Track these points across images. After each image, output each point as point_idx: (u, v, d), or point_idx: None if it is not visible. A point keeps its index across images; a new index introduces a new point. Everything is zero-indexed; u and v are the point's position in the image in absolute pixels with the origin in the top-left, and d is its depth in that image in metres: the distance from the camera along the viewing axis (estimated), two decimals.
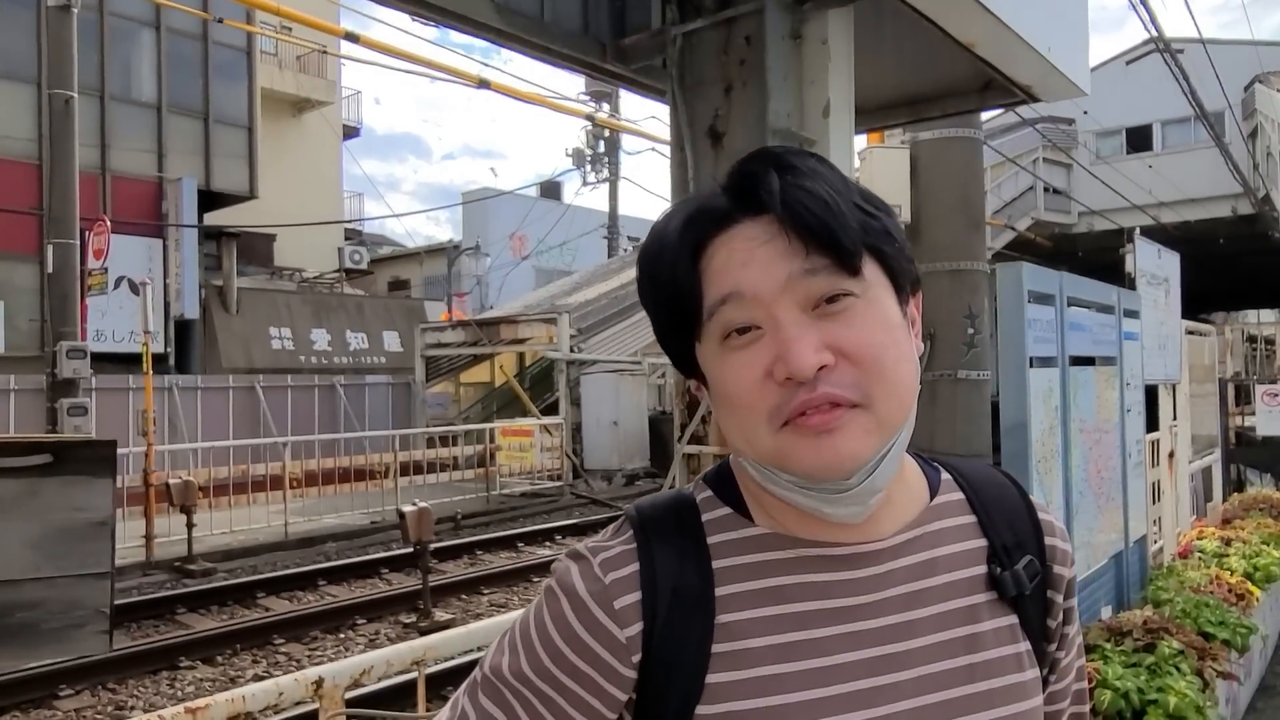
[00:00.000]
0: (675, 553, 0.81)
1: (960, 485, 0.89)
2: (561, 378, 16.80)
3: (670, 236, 0.80)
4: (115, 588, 1.77)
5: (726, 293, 0.75)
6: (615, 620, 0.78)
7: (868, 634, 0.79)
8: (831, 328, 0.74)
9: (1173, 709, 3.17)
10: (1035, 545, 0.88)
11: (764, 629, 0.78)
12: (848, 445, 0.73)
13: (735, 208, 0.77)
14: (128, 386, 14.45)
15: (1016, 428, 3.61)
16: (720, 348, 0.77)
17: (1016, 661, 0.83)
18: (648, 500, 0.87)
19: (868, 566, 0.81)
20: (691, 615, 0.78)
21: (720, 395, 0.79)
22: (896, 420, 0.76)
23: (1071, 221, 21.24)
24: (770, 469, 0.77)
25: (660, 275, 0.80)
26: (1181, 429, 6.27)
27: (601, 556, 0.81)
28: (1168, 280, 6.06)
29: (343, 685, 1.79)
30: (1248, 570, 5.16)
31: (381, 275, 28.66)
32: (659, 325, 0.83)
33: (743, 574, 0.80)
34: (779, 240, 0.75)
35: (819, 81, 2.28)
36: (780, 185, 0.75)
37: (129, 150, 17.45)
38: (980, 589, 0.84)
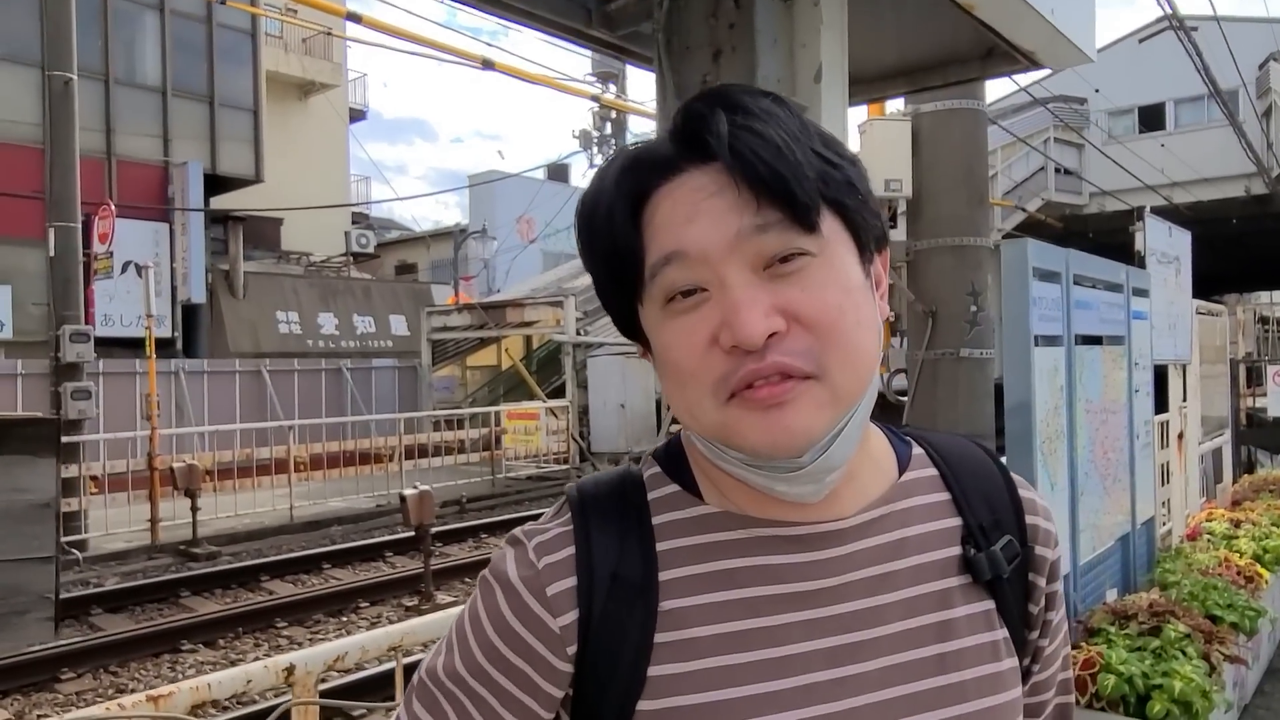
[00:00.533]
0: (616, 534, 0.74)
1: (933, 460, 0.82)
2: (568, 361, 16.75)
3: (607, 187, 0.71)
4: (60, 572, 1.72)
5: (669, 252, 0.68)
6: (548, 608, 0.72)
7: (827, 621, 0.72)
8: (784, 290, 0.66)
9: (1178, 693, 3.10)
10: (1015, 525, 0.80)
11: (711, 616, 0.71)
12: (799, 421, 0.66)
13: (680, 154, 0.69)
14: (135, 371, 14.47)
15: (1020, 407, 3.54)
16: (663, 311, 0.69)
17: (993, 650, 0.76)
18: (591, 478, 0.80)
19: (828, 548, 0.73)
20: (632, 602, 0.71)
21: (663, 363, 0.71)
22: (854, 392, 0.69)
23: (1083, 202, 21.03)
24: (717, 444, 0.70)
25: (596, 231, 0.72)
26: (1191, 410, 6.18)
27: (536, 540, 0.75)
28: (1178, 259, 5.95)
29: (316, 672, 1.73)
30: (1257, 552, 5.08)
31: (388, 259, 28.63)
32: (598, 285, 0.75)
33: (689, 556, 0.73)
34: (727, 192, 0.66)
35: (810, 45, 2.19)
36: (728, 128, 0.66)
37: (134, 134, 17.41)
38: (953, 572, 0.76)
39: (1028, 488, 0.84)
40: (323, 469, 12.47)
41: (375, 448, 13.57)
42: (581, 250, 0.75)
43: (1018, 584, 0.79)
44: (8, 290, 15.96)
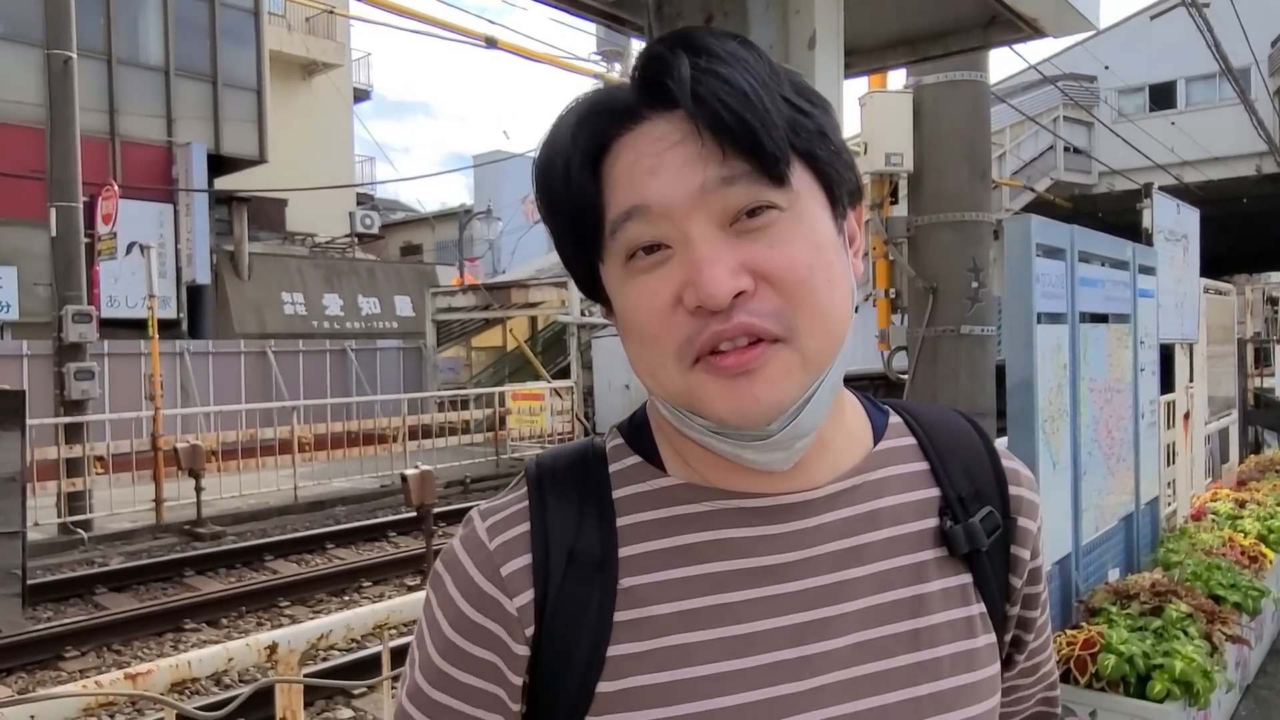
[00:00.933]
0: (574, 509, 0.70)
1: (912, 429, 0.78)
2: (572, 341, 16.72)
3: (563, 138, 0.66)
4: (27, 548, 1.69)
5: (630, 206, 0.63)
6: (503, 589, 0.68)
7: (792, 597, 0.68)
8: (751, 246, 0.62)
9: (1179, 673, 3.07)
10: (997, 496, 0.77)
11: (672, 593, 0.68)
12: (767, 388, 0.62)
13: (641, 100, 0.65)
14: (140, 351, 14.47)
15: (1022, 385, 3.49)
16: (624, 269, 0.65)
17: (968, 626, 0.72)
18: (551, 451, 0.76)
19: (794, 520, 0.70)
20: (590, 579, 0.68)
21: (624, 324, 0.68)
22: (824, 356, 0.65)
23: (1092, 182, 20.84)
24: (682, 411, 0.66)
25: (553, 186, 0.67)
26: (1198, 390, 6.12)
27: (490, 520, 0.71)
28: (1186, 237, 5.88)
29: (299, 651, 1.70)
30: (1261, 532, 5.04)
31: (393, 240, 28.59)
32: (558, 243, 0.71)
33: (650, 531, 0.70)
34: (691, 142, 0.62)
35: (804, 11, 2.13)
36: (691, 72, 0.61)
37: (137, 115, 17.35)
38: (929, 544, 0.73)
39: (1011, 458, 0.81)
40: (327, 449, 12.50)
41: (380, 428, 13.59)
42: (542, 204, 0.70)
43: (998, 557, 0.76)
44: (13, 271, 15.98)
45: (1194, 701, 3.13)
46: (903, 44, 2.82)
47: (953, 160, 4.08)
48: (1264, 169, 19.21)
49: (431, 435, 13.60)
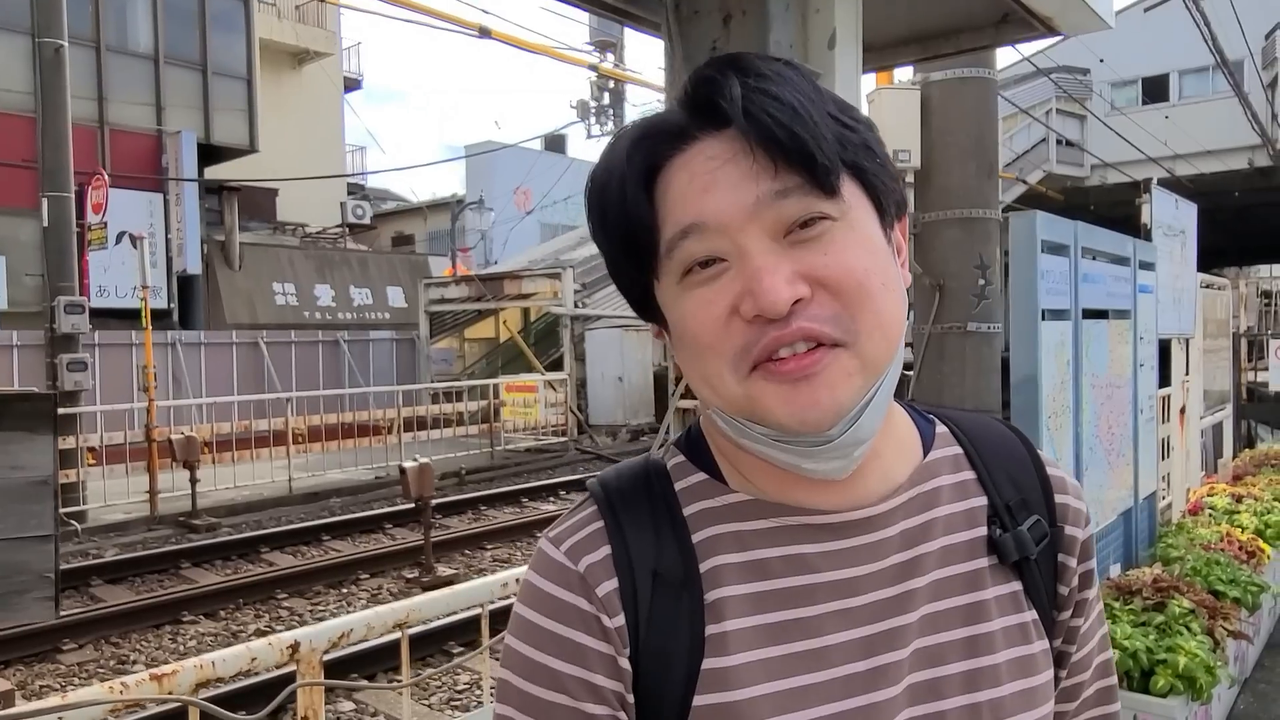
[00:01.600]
0: (650, 529, 0.71)
1: (958, 438, 0.79)
2: (566, 333, 16.71)
3: (618, 161, 0.68)
4: (60, 551, 1.69)
5: (687, 224, 0.65)
6: (602, 608, 0.68)
7: (861, 610, 0.70)
8: (806, 256, 0.64)
9: (1182, 669, 3.11)
10: (1043, 504, 0.78)
11: (751, 607, 0.69)
12: (828, 392, 0.63)
13: (692, 123, 0.66)
14: (131, 342, 14.40)
15: (1027, 382, 3.51)
16: (680, 285, 0.67)
17: (1022, 632, 0.74)
18: (612, 471, 0.76)
19: (858, 535, 0.71)
20: (677, 597, 0.68)
21: (681, 337, 0.68)
22: (882, 359, 0.66)
23: (1084, 174, 20.90)
24: (740, 420, 0.67)
25: (609, 208, 0.68)
26: (1194, 384, 6.16)
27: (567, 543, 0.71)
28: (1184, 232, 5.90)
29: (320, 649, 1.71)
30: (1259, 527, 5.08)
31: (385, 230, 28.45)
32: (612, 263, 0.72)
33: (725, 546, 0.71)
34: (743, 158, 0.64)
35: (824, 10, 2.13)
36: (741, 91, 0.64)
37: (127, 103, 17.19)
38: (981, 553, 0.74)
39: (1056, 465, 0.82)
40: (321, 441, 12.46)
41: (373, 420, 13.55)
42: (593, 228, 0.71)
43: (1047, 564, 0.77)
44: (2, 261, 15.85)
45: (1196, 696, 3.17)
46: (914, 41, 2.82)
47: (960, 157, 4.08)
48: (1256, 162, 19.30)
49: (426, 427, 13.57)
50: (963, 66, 3.93)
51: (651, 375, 16.34)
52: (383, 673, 5.26)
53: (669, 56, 2.21)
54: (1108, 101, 21.37)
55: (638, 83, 21.30)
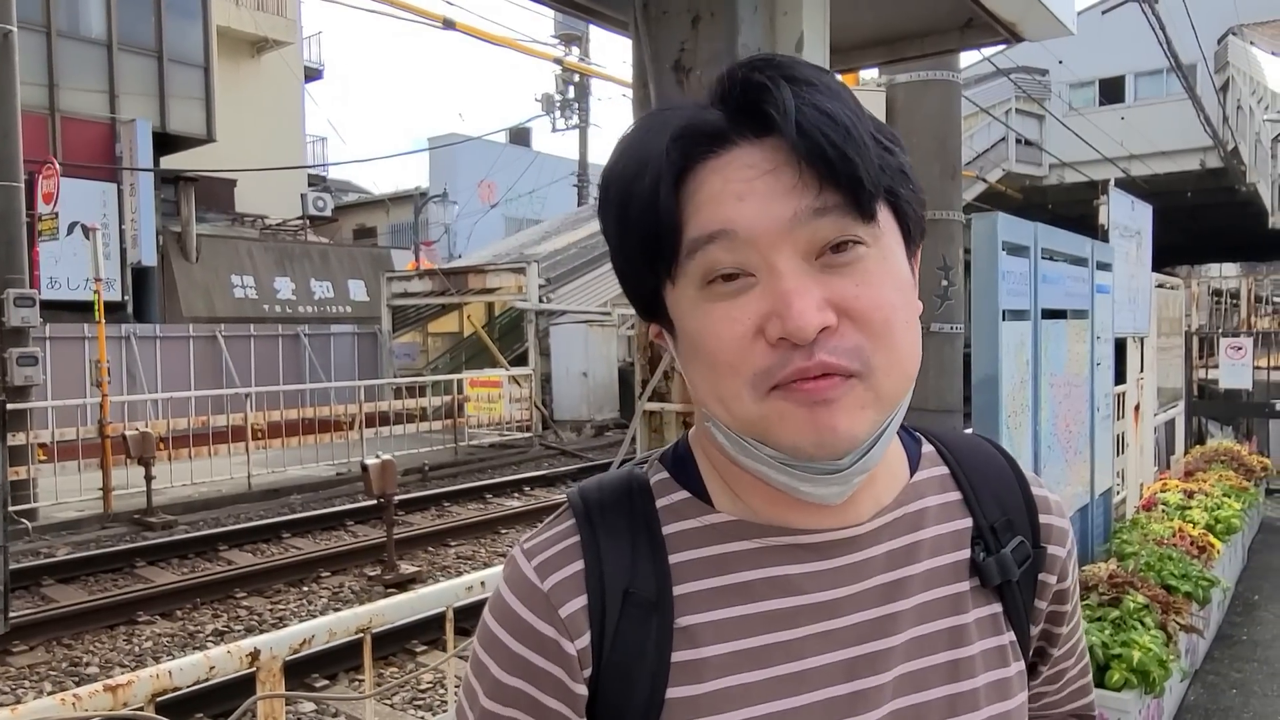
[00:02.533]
0: (627, 546, 0.69)
1: (944, 458, 0.79)
2: (530, 328, 16.63)
3: (653, 153, 0.65)
4: (9, 552, 1.64)
5: (716, 230, 0.62)
6: (562, 631, 0.67)
7: (844, 632, 0.69)
8: (836, 282, 0.62)
9: (1136, 663, 3.17)
10: (1028, 525, 0.78)
11: (728, 632, 0.68)
12: (845, 419, 0.62)
13: (733, 127, 0.64)
14: (83, 336, 14.06)
15: (988, 381, 3.55)
16: (699, 293, 0.64)
17: (1000, 655, 0.74)
18: (594, 483, 0.75)
19: (842, 555, 0.70)
20: (646, 620, 0.67)
21: (695, 349, 0.66)
22: (896, 396, 0.65)
23: (1042, 173, 21.25)
24: (747, 440, 0.66)
25: (636, 199, 0.65)
26: (1148, 382, 6.29)
27: (539, 558, 0.70)
28: (1140, 233, 6.02)
29: (281, 656, 1.67)
30: (1209, 523, 5.21)
31: (346, 223, 28.09)
32: (624, 258, 0.69)
33: (704, 569, 0.69)
34: (785, 171, 0.62)
35: (792, 13, 2.13)
36: (795, 103, 0.61)
37: (79, 90, 16.76)
38: (965, 575, 0.74)
39: (1040, 485, 0.82)
40: (281, 437, 12.27)
41: (335, 415, 13.38)
42: (610, 218, 0.68)
43: (1027, 585, 0.77)
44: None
45: (1150, 689, 3.24)
46: (881, 44, 2.84)
47: (923, 159, 4.12)
48: (1208, 164, 19.75)
49: (388, 422, 13.43)
50: (927, 69, 3.97)
51: (616, 370, 16.33)
52: (344, 672, 5.20)
53: (636, 56, 2.20)
54: (1066, 102, 21.73)
55: (603, 77, 21.25)
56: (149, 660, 5.67)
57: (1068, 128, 18.06)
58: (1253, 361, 9.44)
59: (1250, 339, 9.76)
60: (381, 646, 5.35)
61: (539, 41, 21.81)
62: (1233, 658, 4.76)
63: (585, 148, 26.59)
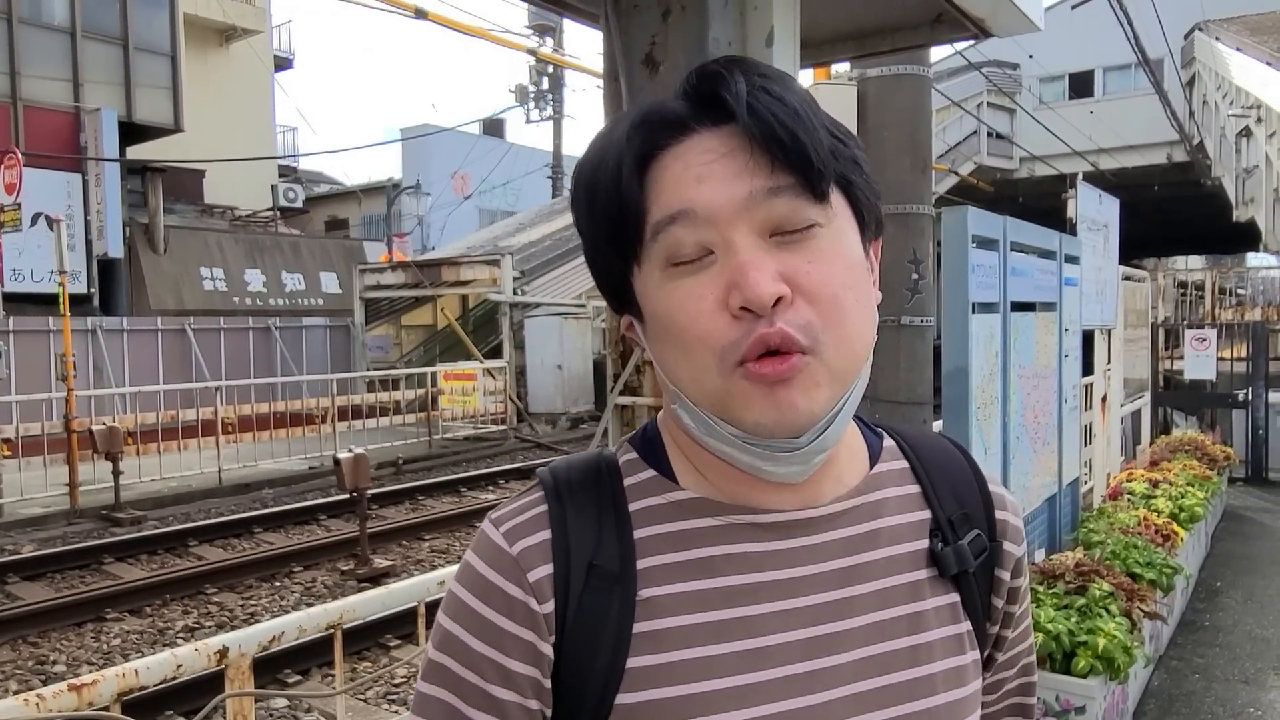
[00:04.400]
0: (593, 521, 0.71)
1: (904, 453, 0.81)
2: (505, 321, 16.57)
3: (615, 142, 0.69)
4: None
5: (676, 210, 0.66)
6: (531, 593, 0.68)
7: (804, 611, 0.70)
8: (789, 259, 0.65)
9: (1101, 650, 3.23)
10: (984, 520, 0.80)
11: (689, 605, 0.69)
12: (804, 397, 0.65)
13: (693, 115, 0.67)
14: (48, 329, 13.83)
15: (957, 373, 3.59)
16: (663, 274, 0.67)
17: (958, 643, 0.76)
18: (563, 461, 0.77)
19: (803, 535, 0.72)
20: (609, 591, 0.69)
21: (663, 328, 0.68)
22: (849, 373, 0.68)
23: (1013, 167, 21.47)
24: (711, 417, 0.68)
25: (600, 187, 0.69)
26: (1115, 373, 6.39)
27: (507, 526, 0.71)
28: (1107, 226, 6.10)
29: (250, 654, 1.66)
30: (1173, 511, 5.30)
31: (318, 214, 27.78)
32: (594, 248, 0.72)
33: (667, 544, 0.71)
34: (740, 154, 0.65)
35: (763, 8, 2.14)
36: (747, 89, 0.65)
37: (41, 78, 16.44)
38: (923, 565, 0.76)
39: (997, 483, 0.84)
40: (252, 431, 12.16)
41: (307, 409, 13.27)
42: (580, 208, 0.72)
43: (983, 578, 0.79)
44: None
45: (1114, 676, 3.30)
46: (851, 39, 2.84)
47: (894, 153, 4.15)
48: (1174, 157, 20.05)
49: (361, 416, 13.34)
50: (898, 64, 4.00)
51: (591, 363, 16.32)
52: (317, 667, 5.17)
53: (608, 49, 2.19)
54: (1036, 96, 21.95)
55: (577, 68, 21.15)
56: (117, 658, 5.61)
57: (1038, 121, 18.26)
58: (1216, 353, 9.61)
59: (1214, 331, 9.93)
60: (354, 641, 5.33)
61: (512, 32, 21.68)
62: (1195, 643, 4.85)
63: (560, 139, 26.47)
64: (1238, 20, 18.26)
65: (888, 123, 4.10)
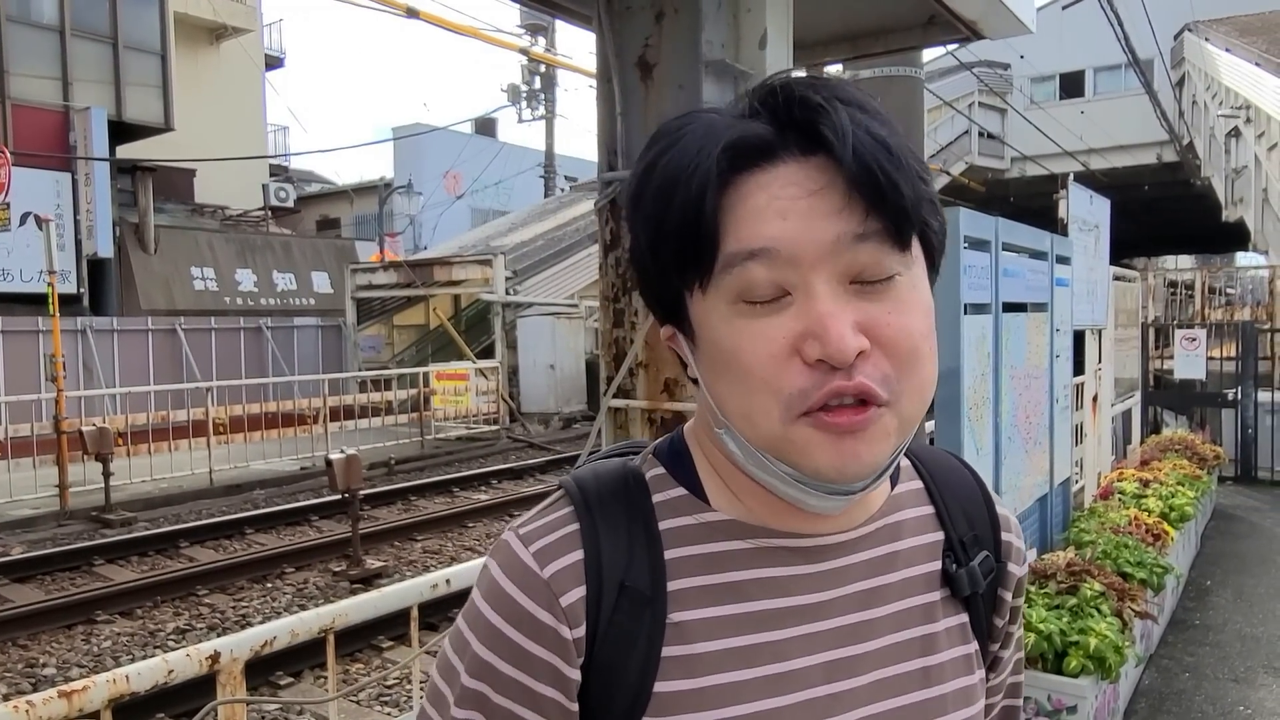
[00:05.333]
0: (624, 539, 0.69)
1: (919, 473, 0.81)
2: (497, 320, 16.55)
3: (703, 159, 0.63)
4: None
5: (758, 247, 0.62)
6: (562, 619, 0.66)
7: (825, 635, 0.71)
8: (870, 308, 0.63)
9: (1093, 650, 3.24)
10: (992, 541, 0.81)
11: (719, 630, 0.69)
12: (869, 450, 0.63)
13: (780, 142, 0.63)
14: (37, 329, 13.75)
15: (950, 374, 3.60)
16: (730, 308, 0.64)
17: (966, 663, 0.76)
18: (589, 472, 0.74)
19: (827, 560, 0.72)
20: (640, 614, 0.68)
21: (724, 363, 0.65)
22: (916, 420, 0.67)
23: (1004, 166, 21.53)
24: (765, 454, 0.66)
25: (678, 202, 0.64)
26: (1105, 373, 6.41)
27: (537, 545, 0.69)
28: (1098, 226, 6.12)
29: (242, 658, 1.65)
30: (1164, 511, 5.32)
31: (309, 214, 27.71)
32: (653, 260, 0.67)
33: (697, 566, 0.70)
34: (831, 193, 0.62)
35: (756, 10, 2.14)
36: (852, 126, 0.61)
37: (30, 76, 16.34)
38: (936, 586, 0.76)
39: (1003, 504, 0.85)
40: (244, 431, 12.12)
41: (299, 409, 13.23)
42: (642, 221, 0.67)
43: (989, 599, 0.80)
44: None
45: (1106, 675, 3.31)
46: (844, 40, 2.85)
47: None
48: (1164, 157, 20.14)
49: (354, 416, 13.30)
50: (891, 65, 4.00)
51: (584, 363, 16.31)
52: (309, 669, 5.15)
53: (601, 51, 2.19)
54: (1027, 96, 22.02)
55: (569, 68, 21.14)
56: (108, 660, 5.58)
57: (1029, 121, 18.32)
58: (1206, 352, 9.66)
59: (1204, 330, 9.97)
60: (347, 642, 5.31)
61: (504, 31, 21.65)
62: (1186, 642, 4.88)
63: (552, 139, 26.46)
64: (1226, 21, 18.35)
65: None
